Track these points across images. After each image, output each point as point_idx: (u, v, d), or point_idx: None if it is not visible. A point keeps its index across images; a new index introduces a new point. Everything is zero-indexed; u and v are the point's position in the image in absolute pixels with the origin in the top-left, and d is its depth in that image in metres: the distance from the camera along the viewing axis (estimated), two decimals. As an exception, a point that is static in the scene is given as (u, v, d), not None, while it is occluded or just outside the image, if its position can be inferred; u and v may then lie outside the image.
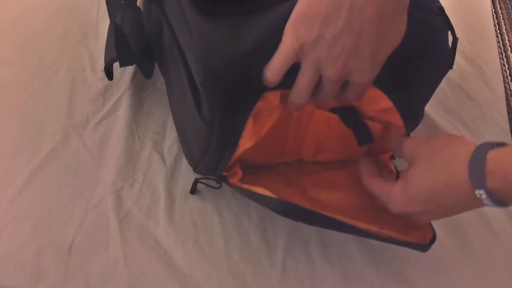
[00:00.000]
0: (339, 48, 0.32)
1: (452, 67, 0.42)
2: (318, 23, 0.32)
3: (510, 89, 0.65)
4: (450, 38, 0.41)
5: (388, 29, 0.33)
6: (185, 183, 0.51)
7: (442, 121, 0.59)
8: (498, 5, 0.76)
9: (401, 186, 0.38)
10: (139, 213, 0.49)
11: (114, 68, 0.55)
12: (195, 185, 0.50)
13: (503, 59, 0.69)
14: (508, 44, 0.71)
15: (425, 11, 0.39)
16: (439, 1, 0.41)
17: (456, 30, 0.41)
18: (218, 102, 0.37)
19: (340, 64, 0.33)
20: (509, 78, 0.67)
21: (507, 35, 0.72)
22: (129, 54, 0.49)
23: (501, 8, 0.76)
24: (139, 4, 0.56)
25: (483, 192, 0.32)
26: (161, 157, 0.53)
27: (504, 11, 0.75)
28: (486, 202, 0.32)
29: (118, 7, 0.51)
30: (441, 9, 0.40)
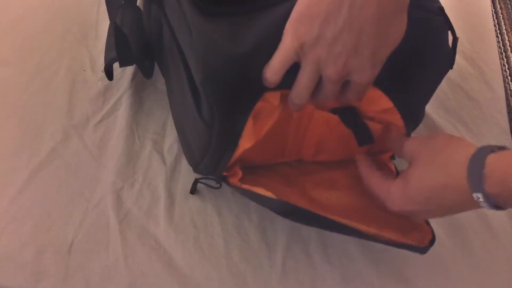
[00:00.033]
0: (339, 48, 0.32)
1: (452, 67, 0.42)
2: (318, 22, 0.32)
3: (510, 89, 0.65)
4: (450, 38, 0.41)
5: (388, 29, 0.33)
6: (185, 183, 0.51)
7: (442, 121, 0.59)
8: (498, 5, 0.76)
9: (400, 185, 0.38)
10: (139, 213, 0.49)
11: (114, 68, 0.55)
12: (195, 185, 0.50)
13: (503, 59, 0.69)
14: (508, 44, 0.71)
15: (425, 11, 0.39)
16: (439, 1, 0.41)
17: (456, 30, 0.41)
18: (218, 102, 0.37)
19: (340, 63, 0.33)
20: (509, 78, 0.67)
21: (507, 35, 0.72)
22: (129, 54, 0.49)
23: (501, 8, 0.76)
24: (139, 4, 0.56)
25: (480, 195, 0.31)
26: (161, 157, 0.53)
27: (504, 11, 0.75)
28: (483, 205, 0.32)
29: (118, 7, 0.51)
30: (441, 9, 0.40)
